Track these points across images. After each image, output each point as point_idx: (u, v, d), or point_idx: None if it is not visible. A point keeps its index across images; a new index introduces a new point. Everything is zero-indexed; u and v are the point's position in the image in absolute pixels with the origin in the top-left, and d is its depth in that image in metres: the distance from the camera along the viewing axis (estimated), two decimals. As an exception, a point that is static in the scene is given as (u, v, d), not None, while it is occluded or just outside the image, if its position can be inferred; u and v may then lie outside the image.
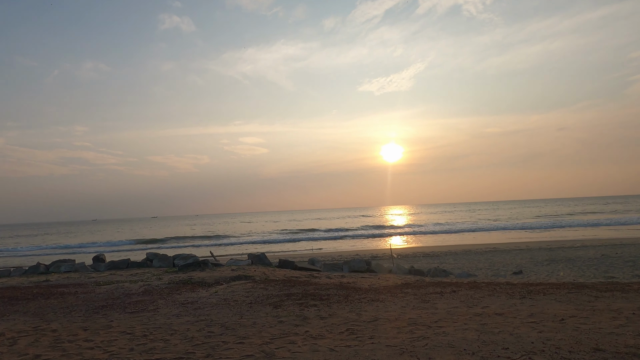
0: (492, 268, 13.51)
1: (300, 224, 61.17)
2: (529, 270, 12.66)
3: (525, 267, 13.43)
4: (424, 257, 18.35)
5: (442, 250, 21.52)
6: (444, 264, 15.69)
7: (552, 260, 14.72)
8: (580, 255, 16.01)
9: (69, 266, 10.80)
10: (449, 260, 16.88)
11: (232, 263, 11.06)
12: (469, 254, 19.07)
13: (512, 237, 29.22)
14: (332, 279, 9.07)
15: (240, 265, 10.51)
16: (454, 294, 5.68)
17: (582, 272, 11.73)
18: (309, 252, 23.99)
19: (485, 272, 12.71)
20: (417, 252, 20.48)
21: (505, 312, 4.48)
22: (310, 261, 11.85)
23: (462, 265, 14.74)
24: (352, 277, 10.10)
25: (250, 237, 37.25)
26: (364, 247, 27.51)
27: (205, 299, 6.11)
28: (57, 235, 60.42)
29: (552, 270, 12.40)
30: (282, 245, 30.82)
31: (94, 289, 7.22)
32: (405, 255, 18.99)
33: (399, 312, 4.78)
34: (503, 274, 11.87)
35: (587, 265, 13.05)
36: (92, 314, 5.50)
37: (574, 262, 13.82)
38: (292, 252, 26.19)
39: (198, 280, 8.08)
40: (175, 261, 11.06)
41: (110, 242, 38.63)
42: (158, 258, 11.08)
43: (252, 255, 11.34)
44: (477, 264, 14.82)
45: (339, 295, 5.96)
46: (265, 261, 11.13)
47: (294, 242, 31.21)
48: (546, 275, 11.45)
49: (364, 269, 11.31)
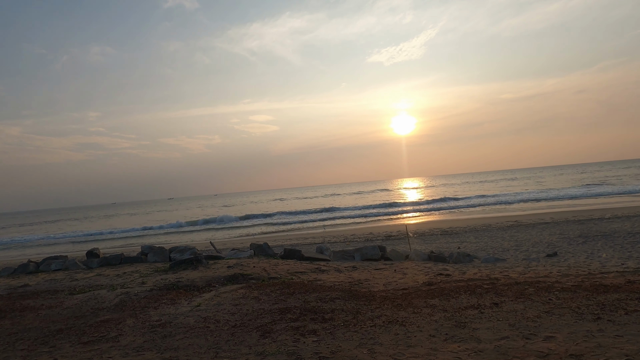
0: (519, 248, 11.94)
1: (311, 201, 60.16)
2: (563, 250, 11.05)
3: (558, 246, 11.81)
4: (442, 235, 16.85)
5: (460, 226, 19.95)
6: (465, 243, 14.19)
7: (586, 237, 13.02)
8: (615, 228, 14.23)
9: (60, 263, 9.77)
10: (470, 238, 15.36)
11: (232, 255, 9.83)
12: (490, 230, 17.47)
13: (534, 208, 27.33)
14: (341, 275, 7.73)
15: (240, 259, 9.27)
16: (497, 310, 4.21)
17: (627, 252, 10.07)
18: (320, 232, 22.80)
19: (514, 253, 11.17)
20: (434, 230, 18.98)
21: (583, 350, 3.03)
22: (318, 249, 10.54)
23: (485, 245, 13.21)
24: (365, 268, 8.76)
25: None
26: (379, 224, 26.16)
27: (183, 318, 4.84)
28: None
29: (591, 250, 10.76)
30: (292, 227, 29.72)
31: (63, 301, 6.06)
32: (422, 234, 17.54)
33: (428, 347, 3.38)
34: (535, 257, 10.32)
35: (630, 242, 11.34)
36: (39, 346, 4.31)
37: (612, 239, 12.11)
38: (304, 232, 25.08)
39: (186, 283, 6.84)
40: (172, 254, 9.91)
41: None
42: (153, 252, 9.93)
43: (255, 246, 10.07)
44: (502, 243, 13.26)
45: (346, 312, 4.58)
46: (269, 251, 9.85)
47: (305, 223, 30.09)
48: (585, 257, 9.85)
49: (378, 256, 9.93)
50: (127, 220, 51.55)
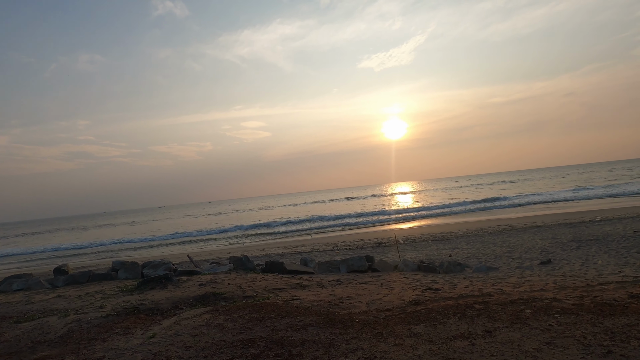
0: (512, 255, 11.36)
1: (303, 208, 59.47)
2: (557, 256, 10.48)
3: (551, 252, 11.25)
4: (433, 241, 16.25)
5: (452, 230, 19.39)
6: (457, 250, 13.59)
7: (580, 241, 12.49)
8: (608, 232, 13.74)
9: (23, 283, 8.93)
10: (461, 244, 14.77)
11: (209, 270, 9.08)
12: (481, 234, 16.92)
13: (524, 211, 26.92)
14: (323, 291, 7.04)
15: (217, 274, 8.52)
16: (490, 341, 3.56)
17: (623, 258, 9.53)
18: (310, 240, 22.07)
19: (506, 261, 10.58)
20: (425, 235, 18.39)
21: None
22: (303, 261, 9.83)
23: (476, 252, 12.62)
24: (350, 282, 8.08)
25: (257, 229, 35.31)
26: (370, 231, 25.52)
27: (130, 354, 4.11)
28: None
29: (585, 256, 10.20)
30: (282, 235, 28.98)
31: (3, 332, 5.29)
32: (412, 240, 16.92)
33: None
34: (528, 265, 9.73)
35: (625, 247, 10.82)
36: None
37: (606, 243, 11.59)
38: (294, 239, 24.33)
39: (150, 306, 6.09)
40: (145, 270, 9.12)
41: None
42: (125, 268, 9.14)
43: (234, 259, 9.34)
44: (494, 249, 12.68)
45: (318, 344, 3.89)
46: (249, 265, 9.12)
47: (295, 232, 29.34)
48: (581, 264, 9.28)
49: (365, 268, 9.25)
50: (113, 231, 50.04)
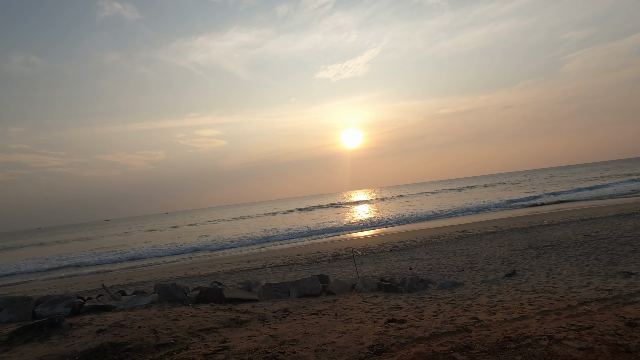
0: (474, 266, 10.49)
1: (260, 219, 57.27)
2: (520, 267, 9.73)
3: (513, 261, 10.53)
4: (392, 251, 15.21)
5: (410, 239, 18.56)
6: (417, 261, 12.59)
7: (536, 248, 11.98)
8: (560, 237, 13.47)
9: None
10: (421, 254, 13.84)
11: (127, 303, 7.15)
12: (439, 242, 16.18)
13: (477, 218, 27.05)
14: (263, 330, 5.48)
15: (133, 309, 6.63)
16: None
17: (585, 266, 8.94)
18: (264, 254, 20.26)
19: (470, 274, 9.65)
20: (384, 245, 17.37)
21: None
22: (246, 285, 8.18)
23: (437, 263, 11.67)
24: (300, 311, 6.58)
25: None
26: (327, 241, 24.20)
27: None
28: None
29: (548, 265, 9.53)
30: (234, 249, 26.85)
31: None
32: (371, 251, 15.78)
33: None
34: (493, 278, 8.82)
35: (582, 253, 10.35)
36: None
37: (563, 250, 11.11)
38: (247, 252, 22.36)
39: (10, 372, 4.18)
40: (38, 309, 6.97)
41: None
42: (11, 307, 6.91)
43: (160, 287, 7.47)
44: (455, 260, 11.80)
45: None
46: (177, 295, 7.30)
47: (248, 245, 27.30)
48: (546, 276, 8.53)
49: (318, 290, 7.80)
50: (35, 251, 43.85)
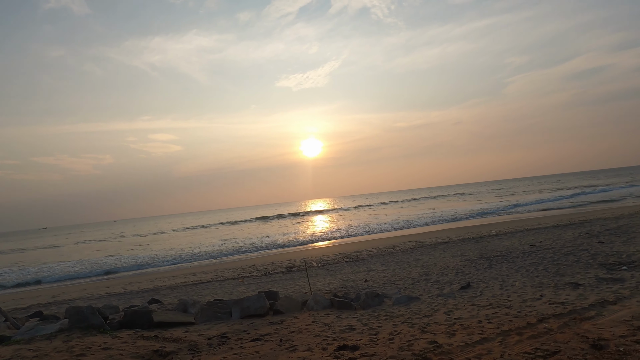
0: (429, 278, 10.15)
1: (214, 230, 54.88)
2: (473, 278, 9.52)
3: (466, 272, 10.34)
4: (347, 262, 14.63)
5: (366, 249, 18.16)
6: (372, 272, 12.09)
7: (487, 258, 11.98)
8: (508, 247, 13.68)
9: None
10: (377, 265, 13.38)
11: (28, 332, 5.77)
12: (394, 253, 15.90)
13: (431, 228, 27.49)
14: (198, 356, 4.50)
15: (31, 341, 5.31)
16: None
17: (535, 277, 8.88)
18: (214, 266, 18.83)
19: (425, 286, 9.26)
20: (340, 255, 16.78)
21: None
22: (181, 304, 7.06)
23: (392, 275, 11.23)
24: (240, 336, 5.65)
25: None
26: (282, 251, 23.21)
27: None
28: None
29: (500, 277, 9.40)
30: (183, 260, 25.00)
31: None
32: (326, 262, 15.09)
33: None
34: (449, 291, 8.47)
35: (531, 264, 10.41)
36: None
37: (513, 260, 11.16)
38: (197, 263, 20.72)
39: None
40: None
41: None
42: None
43: (72, 311, 6.13)
44: (410, 271, 11.44)
45: None
46: (93, 320, 6.04)
47: (197, 257, 25.55)
48: (500, 288, 8.33)
49: (264, 310, 6.90)
50: None
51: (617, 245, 10.96)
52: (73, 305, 9.83)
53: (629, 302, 5.92)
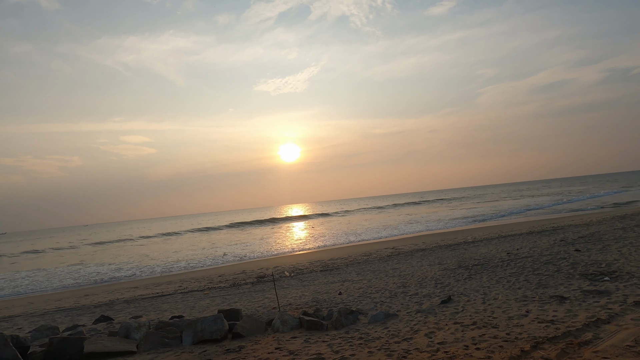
0: (407, 291, 9.42)
1: (188, 236, 52.78)
2: (454, 290, 8.86)
3: (446, 283, 9.69)
4: (322, 272, 13.74)
5: (342, 256, 17.34)
6: (347, 283, 11.25)
7: (466, 267, 11.41)
8: (486, 254, 13.23)
9: None
10: (352, 274, 12.56)
11: None
12: (371, 261, 15.16)
13: (407, 234, 27.05)
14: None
15: None
16: None
17: (517, 289, 8.31)
18: (179, 275, 17.44)
19: (403, 300, 8.50)
20: (314, 263, 15.86)
21: None
22: (123, 329, 5.95)
23: (368, 286, 10.43)
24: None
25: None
26: (255, 260, 22.03)
27: None
28: None
29: (482, 289, 8.79)
30: (148, 270, 23.34)
31: None
32: (300, 272, 14.14)
33: None
34: (429, 306, 7.74)
35: (511, 274, 9.89)
36: None
37: (492, 270, 10.64)
38: (159, 276, 19.21)
39: None
40: None
41: None
42: None
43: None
44: (387, 282, 10.69)
45: None
46: (5, 354, 4.85)
47: (164, 268, 23.95)
48: (482, 302, 7.69)
49: (222, 334, 5.89)
50: None
51: (594, 254, 10.64)
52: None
53: (623, 321, 5.35)
